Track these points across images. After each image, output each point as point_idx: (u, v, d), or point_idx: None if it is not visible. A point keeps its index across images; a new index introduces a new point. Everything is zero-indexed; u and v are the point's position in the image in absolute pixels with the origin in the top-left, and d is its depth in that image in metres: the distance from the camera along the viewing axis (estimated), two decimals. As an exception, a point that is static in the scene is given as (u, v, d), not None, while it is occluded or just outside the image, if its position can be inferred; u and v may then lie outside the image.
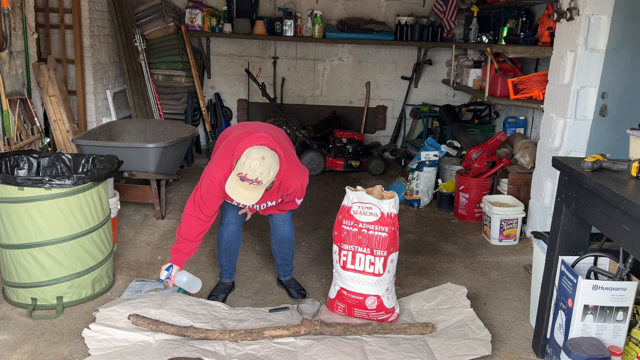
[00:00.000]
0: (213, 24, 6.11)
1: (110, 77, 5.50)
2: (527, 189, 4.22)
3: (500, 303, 3.17)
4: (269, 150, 2.57)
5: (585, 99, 3.55)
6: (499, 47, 4.54)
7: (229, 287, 3.22)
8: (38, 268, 2.86)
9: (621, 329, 2.26)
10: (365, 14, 6.39)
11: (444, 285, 3.19)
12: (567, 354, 2.22)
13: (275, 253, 3.23)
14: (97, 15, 5.15)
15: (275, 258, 3.27)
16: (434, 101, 6.58)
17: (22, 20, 4.13)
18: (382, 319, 2.87)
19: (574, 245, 2.46)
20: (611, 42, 3.41)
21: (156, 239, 3.95)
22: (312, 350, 2.60)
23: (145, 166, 4.11)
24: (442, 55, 6.53)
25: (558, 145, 3.72)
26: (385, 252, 2.79)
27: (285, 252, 3.20)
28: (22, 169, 3.20)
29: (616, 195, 1.96)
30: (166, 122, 5.09)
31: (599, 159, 2.25)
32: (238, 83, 6.62)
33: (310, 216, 4.52)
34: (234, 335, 2.67)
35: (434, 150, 4.88)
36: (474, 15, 5.39)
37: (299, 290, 3.20)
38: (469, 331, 2.75)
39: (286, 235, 3.14)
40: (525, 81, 4.19)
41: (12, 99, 4.02)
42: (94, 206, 2.98)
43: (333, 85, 6.65)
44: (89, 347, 2.56)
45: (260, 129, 2.79)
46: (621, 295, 2.21)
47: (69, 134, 4.51)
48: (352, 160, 5.89)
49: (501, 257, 3.84)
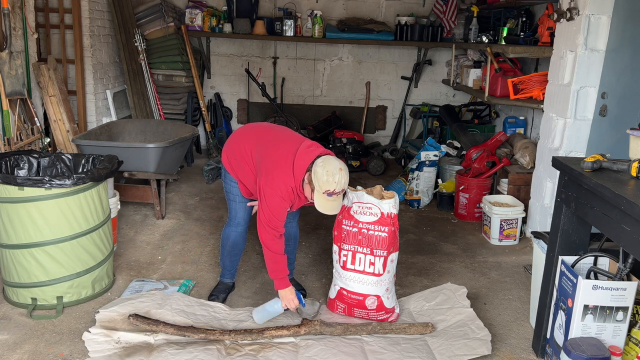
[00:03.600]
0: (213, 24, 6.11)
1: (110, 77, 5.49)
2: (527, 189, 4.22)
3: (500, 303, 3.17)
4: (333, 157, 2.61)
5: (585, 99, 3.55)
6: (499, 47, 4.54)
7: (230, 287, 3.21)
8: (38, 268, 2.86)
9: (621, 329, 2.26)
10: (365, 14, 6.39)
11: (444, 285, 3.19)
12: (567, 354, 2.22)
13: None
14: (97, 15, 5.15)
15: None
16: (434, 101, 6.58)
17: (22, 20, 4.12)
18: (382, 319, 2.87)
19: (574, 245, 2.46)
20: (611, 42, 3.40)
21: (156, 239, 3.95)
22: (312, 351, 2.60)
23: (145, 166, 4.11)
24: (442, 55, 6.52)
25: (558, 145, 3.72)
26: (385, 252, 2.79)
27: (290, 251, 3.16)
28: (22, 169, 3.20)
29: (616, 195, 1.96)
30: (166, 122, 5.08)
31: (599, 159, 2.24)
32: (238, 83, 6.62)
33: (310, 216, 4.51)
34: (233, 336, 2.67)
35: (434, 150, 4.87)
36: (474, 15, 5.39)
37: (299, 290, 3.20)
38: (468, 331, 2.75)
39: (293, 232, 3.15)
40: (525, 81, 4.19)
41: (12, 99, 4.02)
42: (94, 206, 2.98)
43: (333, 85, 6.65)
44: (89, 349, 2.56)
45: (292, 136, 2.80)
46: (621, 295, 2.21)
47: (69, 134, 4.51)
48: (352, 160, 5.89)
49: (501, 257, 3.84)
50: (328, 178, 2.52)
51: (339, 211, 2.71)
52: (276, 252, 2.75)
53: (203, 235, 4.05)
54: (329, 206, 2.63)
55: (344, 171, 2.57)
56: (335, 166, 2.54)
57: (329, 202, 2.62)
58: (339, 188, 2.55)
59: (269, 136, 2.84)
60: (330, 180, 2.53)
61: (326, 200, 2.60)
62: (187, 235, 4.02)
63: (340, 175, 2.54)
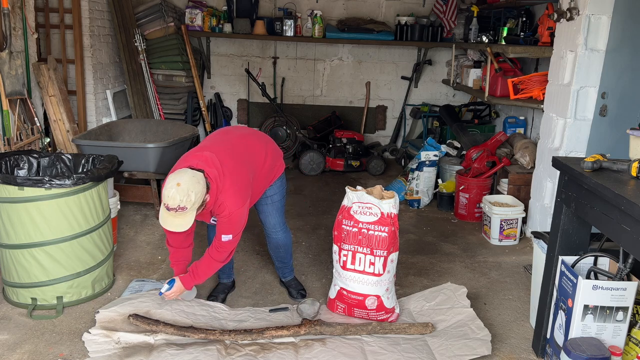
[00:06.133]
0: (213, 24, 6.11)
1: (110, 77, 5.49)
2: (527, 189, 4.22)
3: (500, 303, 3.17)
4: (188, 171, 2.46)
5: (585, 99, 3.54)
6: (499, 47, 4.53)
7: (229, 287, 3.21)
8: (38, 268, 2.86)
9: (621, 329, 2.26)
10: (365, 14, 6.38)
11: (443, 285, 3.19)
12: (567, 354, 2.22)
13: (273, 257, 3.24)
14: (97, 15, 5.14)
15: (273, 261, 3.28)
16: (434, 101, 6.57)
17: (22, 20, 4.12)
18: (382, 319, 2.87)
19: (574, 245, 2.46)
20: (611, 42, 3.40)
21: (156, 238, 3.95)
22: (312, 352, 2.60)
23: (145, 166, 4.11)
24: (442, 55, 6.52)
25: (558, 145, 3.72)
26: (385, 252, 2.79)
27: (282, 256, 3.19)
28: (22, 169, 3.20)
29: (616, 195, 1.96)
30: (166, 122, 5.07)
31: (599, 159, 2.24)
32: (238, 83, 6.62)
33: (310, 216, 4.52)
34: (233, 336, 2.67)
35: (434, 150, 4.87)
36: (474, 15, 5.38)
37: (299, 290, 3.20)
38: (468, 331, 2.75)
39: (281, 241, 3.11)
40: (525, 81, 4.19)
41: (12, 98, 4.01)
42: (94, 206, 2.98)
43: (333, 85, 6.64)
44: (89, 349, 2.56)
45: (213, 145, 2.70)
46: (621, 295, 2.21)
47: (69, 134, 4.51)
48: (352, 160, 5.88)
49: (501, 257, 3.84)
50: (165, 191, 2.43)
51: (180, 229, 2.49)
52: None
53: (203, 235, 3.99)
54: (170, 221, 2.48)
55: (184, 189, 2.38)
56: (174, 182, 2.40)
57: (171, 217, 2.47)
58: (172, 203, 2.39)
59: (208, 141, 2.83)
60: (164, 193, 2.43)
61: (167, 213, 2.47)
62: (187, 235, 4.00)
63: (176, 191, 2.38)
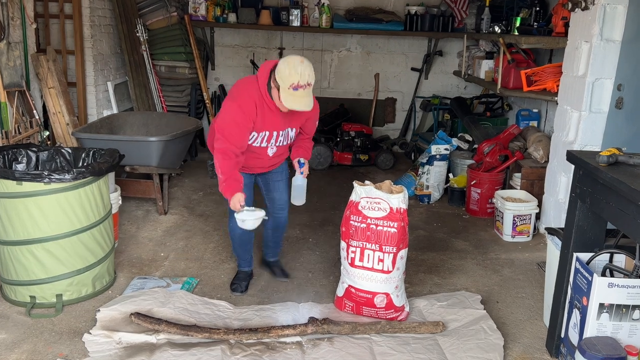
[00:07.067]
0: (217, 14, 6.05)
1: (112, 68, 5.45)
2: (540, 184, 4.18)
3: (513, 301, 3.14)
4: (294, 54, 2.65)
5: (600, 91, 3.51)
6: (512, 38, 4.53)
7: (249, 275, 3.28)
8: (37, 265, 2.85)
9: (638, 327, 2.24)
10: (374, 4, 6.32)
11: (457, 292, 3.17)
12: (581, 353, 2.20)
13: (269, 237, 3.33)
14: (98, 4, 5.11)
15: (265, 241, 3.37)
16: (445, 93, 6.52)
17: (21, 10, 4.10)
18: (391, 317, 2.85)
19: (589, 242, 2.44)
20: (627, 32, 3.36)
21: (158, 235, 3.92)
22: (319, 352, 2.56)
23: (147, 160, 4.09)
24: (453, 46, 6.46)
25: (572, 138, 3.69)
26: (394, 248, 2.77)
27: (278, 236, 3.33)
28: (20, 163, 3.19)
29: (632, 190, 1.95)
30: (169, 115, 5.13)
31: (615, 152, 2.23)
32: (243, 74, 6.53)
33: (317, 212, 4.49)
34: (238, 335, 2.63)
35: (445, 144, 4.85)
36: (486, 5, 5.36)
37: (282, 270, 3.37)
38: (480, 331, 2.73)
39: (284, 221, 3.23)
40: (539, 73, 4.18)
41: (10, 90, 3.99)
42: (95, 201, 2.96)
43: (341, 77, 6.59)
44: (89, 350, 2.54)
45: None
46: (637, 293, 2.19)
47: (69, 127, 4.49)
48: (360, 154, 5.84)
49: (514, 253, 3.80)
50: (290, 71, 2.55)
51: (310, 108, 2.64)
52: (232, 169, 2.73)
53: (207, 231, 4.01)
54: (297, 101, 2.60)
55: (306, 63, 2.58)
56: (296, 59, 2.57)
57: (297, 97, 2.59)
58: (303, 80, 2.55)
59: None
60: (292, 72, 2.54)
61: (293, 95, 2.59)
62: (191, 232, 3.99)
63: (303, 66, 2.55)
